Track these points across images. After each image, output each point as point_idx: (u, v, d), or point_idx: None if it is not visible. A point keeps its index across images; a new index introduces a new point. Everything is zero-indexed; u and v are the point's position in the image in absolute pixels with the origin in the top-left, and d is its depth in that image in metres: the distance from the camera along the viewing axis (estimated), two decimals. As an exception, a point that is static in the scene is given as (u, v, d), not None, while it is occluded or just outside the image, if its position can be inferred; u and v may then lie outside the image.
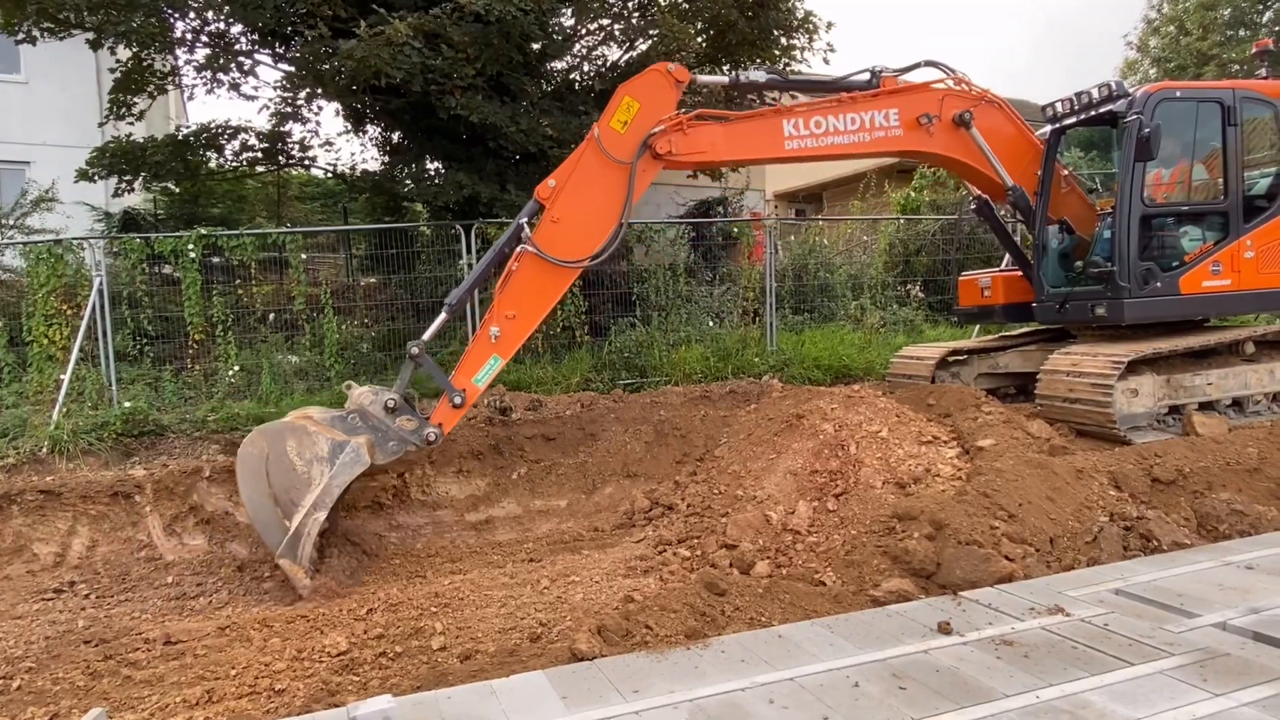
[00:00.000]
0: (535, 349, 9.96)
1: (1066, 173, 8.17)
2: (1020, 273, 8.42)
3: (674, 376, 10.13)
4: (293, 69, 10.19)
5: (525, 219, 6.37)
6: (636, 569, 5.96)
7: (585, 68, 12.85)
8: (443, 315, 6.43)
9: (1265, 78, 7.62)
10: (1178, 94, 7.02)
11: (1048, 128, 7.87)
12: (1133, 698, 3.15)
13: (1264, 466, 6.18)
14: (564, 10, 10.87)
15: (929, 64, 7.63)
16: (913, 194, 14.72)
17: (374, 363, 9.52)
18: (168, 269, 9.66)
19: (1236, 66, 21.43)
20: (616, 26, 11.83)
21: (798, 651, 3.65)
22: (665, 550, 6.27)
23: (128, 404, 8.41)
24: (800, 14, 11.75)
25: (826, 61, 13.02)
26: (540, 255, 6.30)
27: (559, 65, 12.37)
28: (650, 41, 11.96)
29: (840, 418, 7.25)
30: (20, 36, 10.46)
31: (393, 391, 6.20)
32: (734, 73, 7.62)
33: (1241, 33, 22.90)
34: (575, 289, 10.37)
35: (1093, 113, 7.17)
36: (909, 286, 12.91)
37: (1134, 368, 6.82)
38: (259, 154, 11.60)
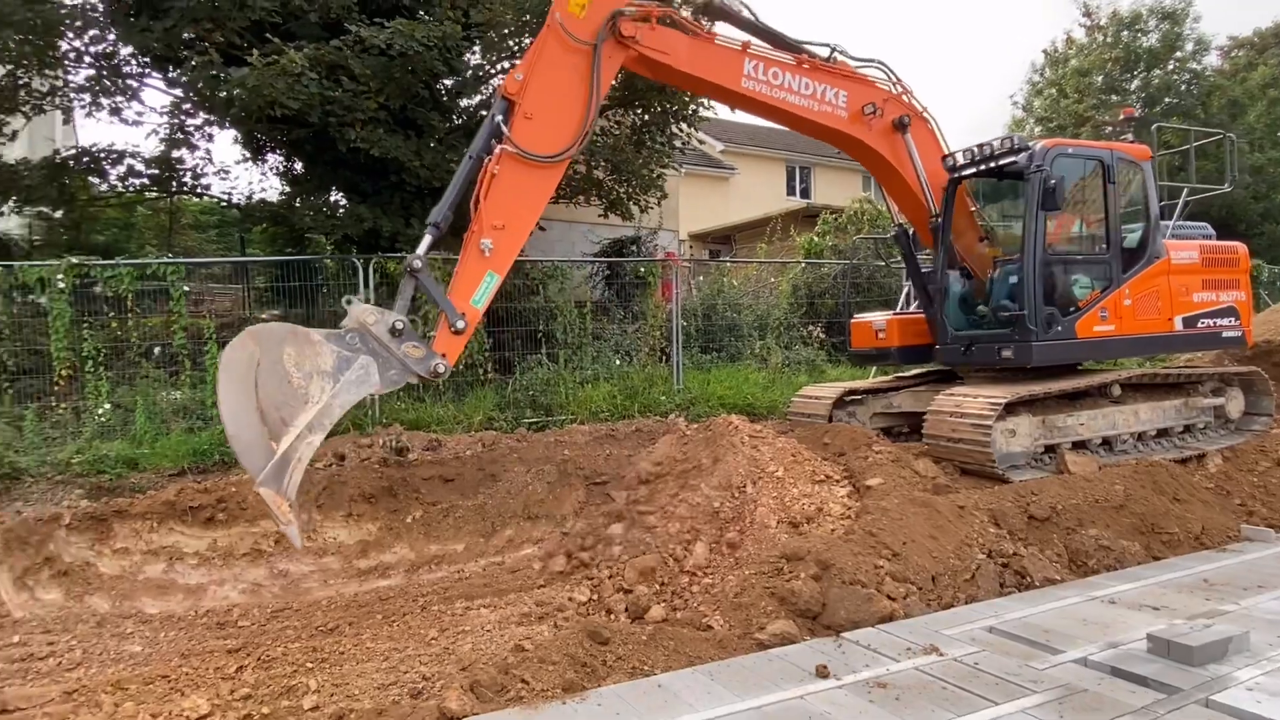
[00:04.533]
0: (437, 387, 9.71)
1: (976, 214, 8.49)
2: (915, 315, 8.73)
3: (580, 415, 10.05)
4: (182, 94, 9.80)
5: (499, 117, 5.88)
6: (531, 616, 5.78)
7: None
8: (428, 235, 5.82)
9: (1131, 142, 8.24)
10: (1070, 150, 7.50)
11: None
12: (994, 738, 3.22)
13: (1129, 503, 6.51)
14: (474, 48, 10.86)
15: (880, 65, 7.84)
16: (816, 239, 15.24)
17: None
18: (43, 300, 8.99)
19: (1110, 128, 23.26)
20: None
21: (675, 702, 3.59)
22: (562, 595, 6.13)
23: (-24, 445, 7.75)
24: None
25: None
26: (523, 154, 5.86)
27: (472, 102, 12.33)
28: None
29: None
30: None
31: (397, 313, 5.53)
32: None
33: (1113, 98, 24.98)
34: (481, 325, 10.20)
35: (993, 164, 7.50)
36: (811, 328, 13.29)
37: (1012, 409, 7.14)
38: (147, 180, 11.05)
